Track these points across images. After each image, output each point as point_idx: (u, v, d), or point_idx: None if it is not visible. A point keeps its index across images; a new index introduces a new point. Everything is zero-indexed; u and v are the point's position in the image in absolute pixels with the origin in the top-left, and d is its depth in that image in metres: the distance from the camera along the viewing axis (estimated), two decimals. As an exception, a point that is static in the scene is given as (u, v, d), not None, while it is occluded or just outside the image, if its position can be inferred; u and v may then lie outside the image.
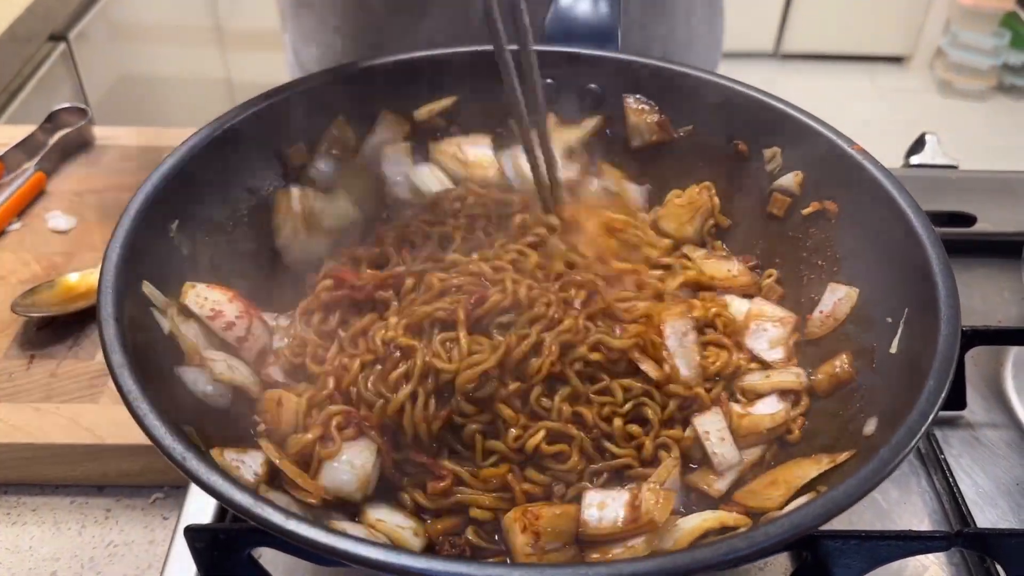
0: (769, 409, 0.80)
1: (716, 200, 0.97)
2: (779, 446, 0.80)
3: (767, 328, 0.88)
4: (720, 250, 0.97)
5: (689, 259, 0.94)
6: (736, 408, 0.80)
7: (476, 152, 1.01)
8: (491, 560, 0.70)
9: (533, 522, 0.68)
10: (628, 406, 0.78)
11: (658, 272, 0.92)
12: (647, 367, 0.79)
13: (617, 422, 0.76)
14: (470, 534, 0.72)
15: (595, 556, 0.68)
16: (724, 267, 0.93)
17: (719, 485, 0.75)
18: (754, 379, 0.83)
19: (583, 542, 0.69)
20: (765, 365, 0.85)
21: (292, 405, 0.76)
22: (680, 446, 0.77)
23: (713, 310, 0.87)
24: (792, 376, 0.82)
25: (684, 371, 0.80)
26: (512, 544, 0.69)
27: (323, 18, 1.30)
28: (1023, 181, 1.23)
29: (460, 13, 1.19)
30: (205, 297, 0.80)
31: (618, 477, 0.76)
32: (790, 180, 0.92)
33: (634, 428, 0.77)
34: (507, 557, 0.70)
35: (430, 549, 0.71)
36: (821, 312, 0.86)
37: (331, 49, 1.30)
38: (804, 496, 0.66)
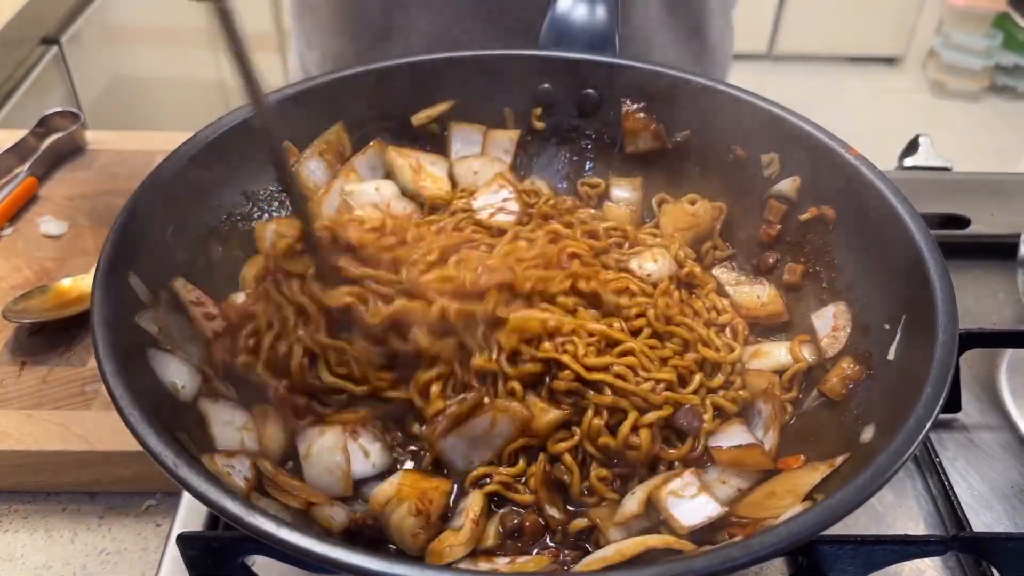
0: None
1: (718, 226, 0.96)
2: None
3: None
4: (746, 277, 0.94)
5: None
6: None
7: (433, 169, 1.00)
8: (485, 569, 0.70)
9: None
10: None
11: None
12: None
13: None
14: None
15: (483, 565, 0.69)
16: (755, 293, 0.92)
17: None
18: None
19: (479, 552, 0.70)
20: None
21: (278, 423, 0.76)
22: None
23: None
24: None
25: None
26: None
27: (324, 20, 1.30)
28: (1017, 183, 1.24)
29: (460, 11, 1.18)
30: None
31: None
32: (788, 186, 0.92)
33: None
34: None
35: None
36: (826, 335, 0.85)
37: (332, 51, 1.30)
38: (800, 504, 0.66)
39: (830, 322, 0.85)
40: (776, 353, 0.86)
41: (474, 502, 0.72)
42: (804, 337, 0.86)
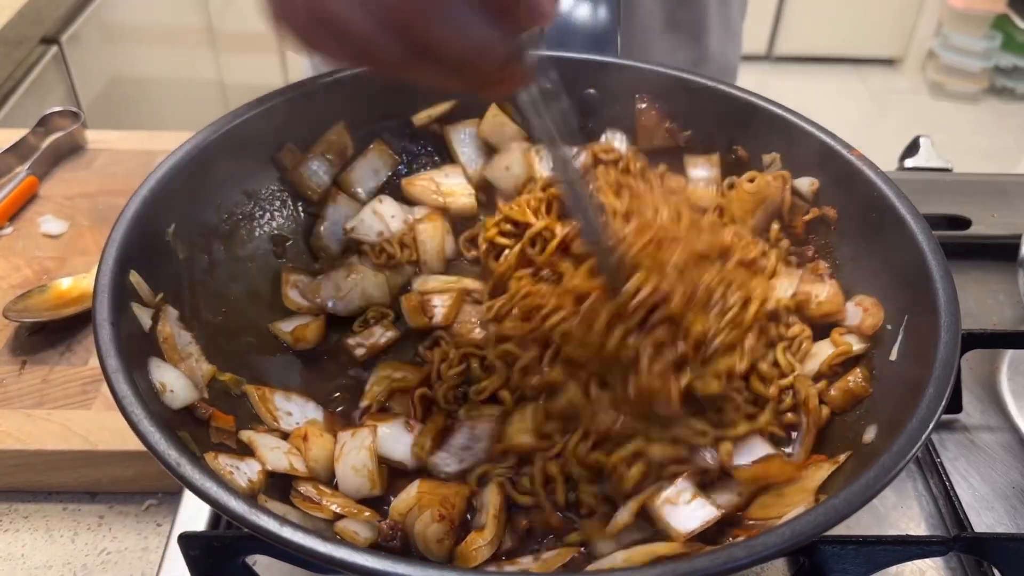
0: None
1: (789, 196, 0.90)
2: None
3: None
4: (819, 270, 0.89)
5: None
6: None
7: (451, 182, 1.00)
8: (490, 569, 0.70)
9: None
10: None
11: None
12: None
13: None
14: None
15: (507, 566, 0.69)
16: (813, 292, 0.85)
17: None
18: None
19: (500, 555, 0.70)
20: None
21: (318, 440, 0.75)
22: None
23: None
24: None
25: None
26: None
27: None
28: (1018, 184, 1.23)
29: None
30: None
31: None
32: (789, 185, 0.92)
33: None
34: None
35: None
36: (859, 318, 0.83)
37: None
38: (802, 504, 0.66)
39: (859, 310, 0.83)
40: (821, 354, 0.82)
41: (492, 497, 0.72)
42: (842, 329, 0.82)
